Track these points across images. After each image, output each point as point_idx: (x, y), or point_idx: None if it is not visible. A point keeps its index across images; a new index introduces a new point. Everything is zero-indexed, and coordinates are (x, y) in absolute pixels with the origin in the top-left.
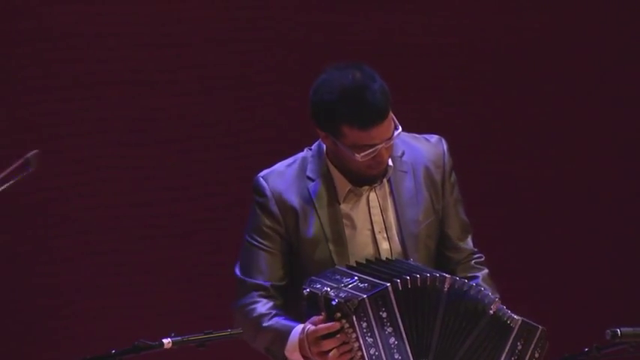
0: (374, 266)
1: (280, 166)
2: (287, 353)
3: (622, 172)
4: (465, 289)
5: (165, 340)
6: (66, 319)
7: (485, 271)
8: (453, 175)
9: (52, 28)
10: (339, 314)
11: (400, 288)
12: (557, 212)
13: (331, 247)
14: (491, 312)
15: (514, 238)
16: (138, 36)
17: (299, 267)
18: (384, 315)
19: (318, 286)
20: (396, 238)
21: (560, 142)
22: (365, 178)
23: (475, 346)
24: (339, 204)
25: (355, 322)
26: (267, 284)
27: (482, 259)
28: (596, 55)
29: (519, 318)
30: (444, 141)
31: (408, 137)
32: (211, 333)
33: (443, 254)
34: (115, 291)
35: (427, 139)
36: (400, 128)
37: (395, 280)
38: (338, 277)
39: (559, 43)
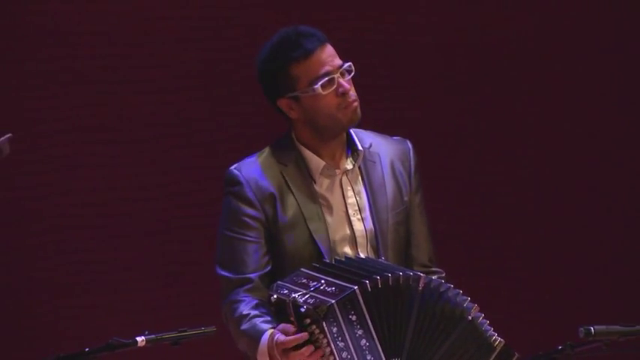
0: (343, 266)
1: (250, 158)
2: (258, 357)
3: (599, 171)
4: (441, 290)
5: (139, 338)
6: (40, 317)
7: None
8: (419, 175)
9: (24, 26)
10: (308, 320)
11: (369, 289)
12: (532, 211)
13: (311, 226)
14: (469, 318)
15: (489, 237)
16: (111, 34)
17: (279, 252)
18: (354, 318)
19: (285, 291)
20: (370, 220)
21: (538, 141)
22: (343, 127)
23: (452, 351)
24: (315, 182)
25: (325, 328)
26: (254, 276)
27: (443, 275)
28: (574, 55)
29: (502, 340)
30: (408, 141)
31: (374, 134)
32: (185, 331)
33: (407, 253)
34: (89, 289)
35: (392, 137)
36: (351, 62)
37: (364, 281)
38: (304, 280)
39: (537, 43)
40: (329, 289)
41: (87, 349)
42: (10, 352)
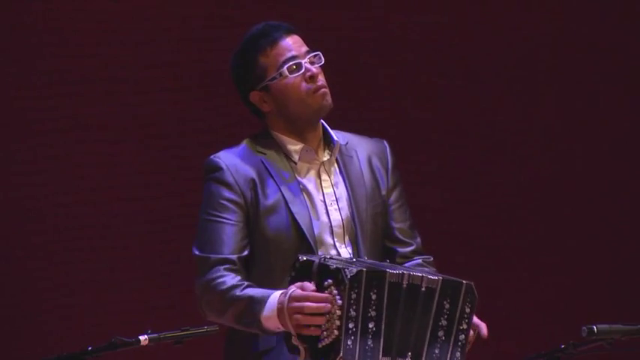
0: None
1: (228, 149)
2: (263, 319)
3: (600, 171)
4: (413, 281)
5: (142, 337)
6: (42, 316)
7: (434, 269)
8: (397, 172)
9: (28, 24)
10: (330, 281)
11: (393, 280)
12: (534, 210)
13: (293, 209)
14: (423, 289)
15: (491, 236)
16: (115, 33)
17: (261, 237)
18: (374, 297)
19: (315, 257)
20: (347, 210)
21: (540, 141)
22: (313, 113)
23: (419, 325)
24: (295, 164)
25: (347, 290)
26: (234, 257)
27: (431, 260)
28: (577, 54)
29: (439, 277)
30: (385, 141)
31: (351, 134)
32: (188, 330)
33: (388, 247)
34: (92, 287)
35: (369, 137)
36: (320, 53)
37: (394, 271)
38: (336, 258)
39: (539, 42)
40: (360, 264)
41: (90, 348)
42: (11, 352)
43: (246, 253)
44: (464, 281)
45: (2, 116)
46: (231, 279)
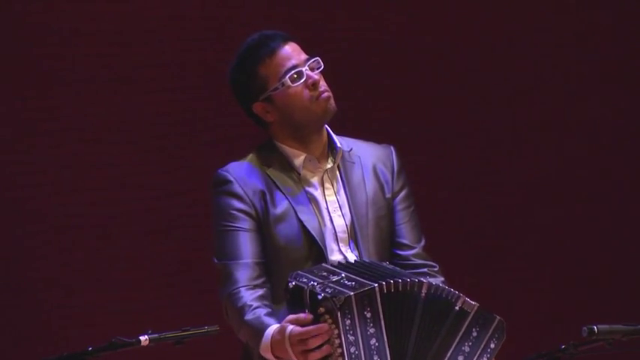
0: (356, 268)
1: (234, 162)
2: (262, 351)
3: (601, 171)
4: (439, 293)
5: (142, 338)
6: (42, 316)
7: (442, 279)
8: (403, 176)
9: (27, 24)
10: (322, 309)
11: (385, 291)
12: (534, 210)
13: (302, 217)
14: (457, 308)
15: (491, 235)
16: (112, 34)
17: (273, 246)
18: (369, 315)
19: (304, 280)
20: (350, 216)
21: (539, 141)
22: (319, 119)
23: (442, 341)
24: (299, 174)
25: (339, 319)
26: (251, 262)
27: (437, 269)
28: (577, 53)
29: (476, 304)
30: (392, 147)
31: (358, 140)
32: (189, 330)
33: (392, 253)
34: (92, 287)
35: (375, 143)
36: (319, 58)
37: (381, 282)
38: (324, 273)
39: (540, 42)
40: (349, 282)
41: (90, 348)
42: (11, 352)
43: (263, 260)
44: (497, 317)
45: (2, 116)
46: (248, 295)
